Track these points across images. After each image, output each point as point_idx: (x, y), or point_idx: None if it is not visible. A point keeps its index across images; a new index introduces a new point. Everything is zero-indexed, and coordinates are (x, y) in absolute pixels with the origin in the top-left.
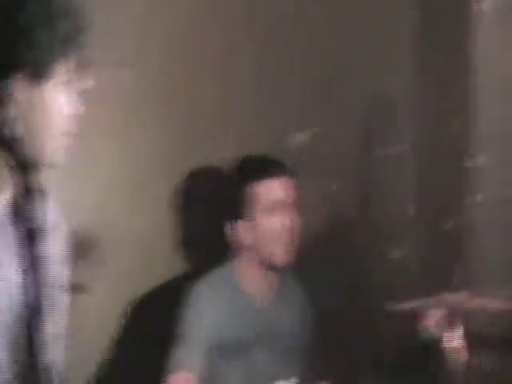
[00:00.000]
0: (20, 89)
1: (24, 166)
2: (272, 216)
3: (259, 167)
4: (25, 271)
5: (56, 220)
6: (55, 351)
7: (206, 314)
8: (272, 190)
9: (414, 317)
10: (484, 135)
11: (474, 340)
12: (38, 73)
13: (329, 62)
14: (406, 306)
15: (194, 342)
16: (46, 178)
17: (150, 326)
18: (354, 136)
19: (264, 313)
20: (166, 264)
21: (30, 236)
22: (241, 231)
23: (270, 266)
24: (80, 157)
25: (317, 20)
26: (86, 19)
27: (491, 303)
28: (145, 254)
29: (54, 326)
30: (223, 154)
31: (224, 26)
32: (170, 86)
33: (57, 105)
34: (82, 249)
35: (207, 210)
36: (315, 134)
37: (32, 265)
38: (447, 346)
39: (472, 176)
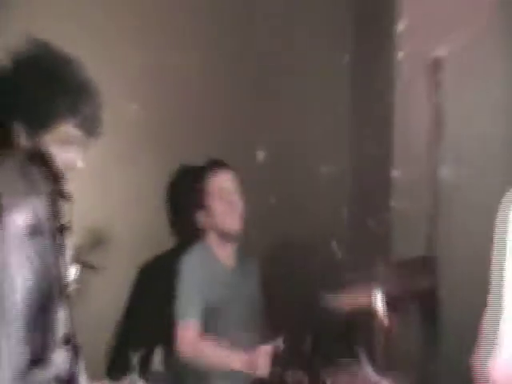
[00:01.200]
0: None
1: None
2: (222, 201)
3: (208, 167)
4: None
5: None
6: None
7: (197, 272)
8: (219, 182)
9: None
10: (399, 155)
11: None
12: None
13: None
14: (347, 277)
15: (193, 294)
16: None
17: (156, 286)
18: (300, 155)
19: (231, 274)
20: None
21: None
22: (201, 218)
23: (227, 238)
24: (95, 174)
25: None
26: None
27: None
28: (144, 244)
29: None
30: None
31: (209, 58)
32: (165, 120)
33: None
34: (93, 239)
35: (183, 204)
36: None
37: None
38: (372, 309)
39: (391, 186)
